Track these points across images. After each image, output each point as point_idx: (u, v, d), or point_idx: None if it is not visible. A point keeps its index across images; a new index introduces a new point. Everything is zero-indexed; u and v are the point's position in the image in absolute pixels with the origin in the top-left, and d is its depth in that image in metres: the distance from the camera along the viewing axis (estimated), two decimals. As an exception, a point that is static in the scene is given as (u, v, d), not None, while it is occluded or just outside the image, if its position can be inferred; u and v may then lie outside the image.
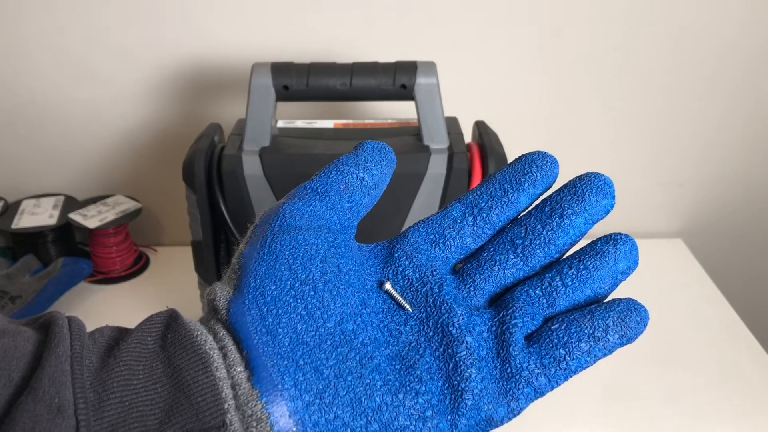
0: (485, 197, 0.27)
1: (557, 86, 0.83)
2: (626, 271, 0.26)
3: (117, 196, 0.85)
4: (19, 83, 0.80)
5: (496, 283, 0.27)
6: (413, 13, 0.77)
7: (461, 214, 0.27)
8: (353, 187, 0.28)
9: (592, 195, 0.26)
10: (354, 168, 0.28)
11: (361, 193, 0.28)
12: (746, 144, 0.89)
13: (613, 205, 0.26)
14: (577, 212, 0.26)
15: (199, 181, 0.55)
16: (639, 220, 0.94)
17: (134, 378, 0.23)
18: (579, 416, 0.63)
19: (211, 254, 0.58)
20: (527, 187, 0.27)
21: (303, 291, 0.25)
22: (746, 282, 0.99)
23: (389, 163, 0.29)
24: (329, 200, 0.28)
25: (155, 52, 0.78)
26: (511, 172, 0.27)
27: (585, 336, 0.25)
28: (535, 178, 0.27)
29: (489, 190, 0.27)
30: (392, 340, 0.26)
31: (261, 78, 0.54)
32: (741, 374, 0.68)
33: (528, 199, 0.27)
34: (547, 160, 0.27)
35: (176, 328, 0.25)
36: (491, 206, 0.27)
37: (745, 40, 0.81)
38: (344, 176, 0.28)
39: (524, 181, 0.27)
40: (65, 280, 0.75)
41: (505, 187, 0.27)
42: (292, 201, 0.27)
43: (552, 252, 0.26)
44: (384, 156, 0.29)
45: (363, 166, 0.28)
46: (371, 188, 0.28)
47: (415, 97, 0.55)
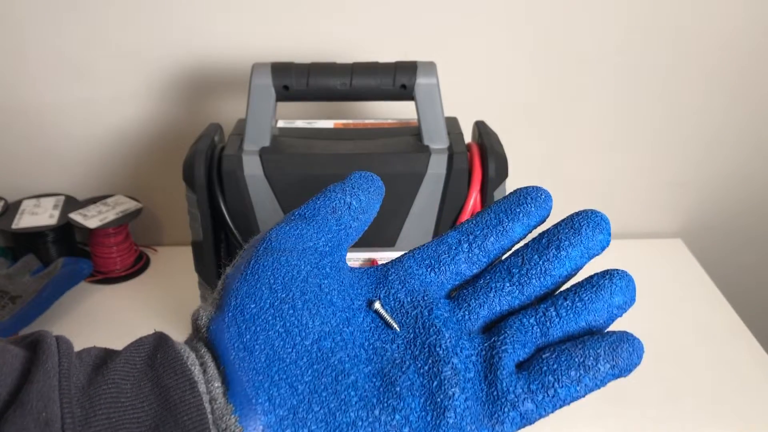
0: (481, 225, 0.28)
1: (557, 86, 0.83)
2: (622, 306, 0.27)
3: (117, 196, 0.85)
4: (19, 83, 0.80)
5: (491, 310, 0.27)
6: (413, 14, 0.77)
7: (457, 240, 0.28)
8: (341, 211, 0.28)
9: (588, 229, 0.27)
10: (341, 194, 0.29)
11: (349, 217, 0.29)
12: (746, 144, 0.89)
13: (608, 241, 0.27)
14: (573, 245, 0.27)
15: (199, 181, 0.55)
16: (638, 220, 0.94)
17: (122, 396, 0.23)
18: (579, 416, 0.64)
19: (212, 254, 0.58)
20: (522, 217, 0.28)
21: (282, 309, 0.26)
22: (746, 282, 0.99)
23: (377, 190, 0.30)
24: (316, 224, 0.28)
25: (155, 52, 0.78)
26: (506, 203, 0.28)
27: (575, 364, 0.25)
28: (529, 209, 0.28)
29: (484, 219, 0.28)
30: (375, 357, 0.26)
31: (261, 78, 0.54)
32: (741, 374, 0.68)
33: (522, 230, 0.28)
34: (541, 193, 0.28)
35: (165, 349, 0.25)
36: (486, 234, 0.28)
37: (745, 39, 0.81)
38: (331, 201, 0.29)
39: (519, 212, 0.28)
40: (65, 280, 0.75)
41: (500, 217, 0.28)
42: (279, 226, 0.28)
43: (547, 283, 0.27)
44: (371, 183, 0.30)
45: (350, 192, 0.29)
46: (359, 212, 0.29)
47: (415, 97, 0.55)
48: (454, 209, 0.56)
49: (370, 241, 0.58)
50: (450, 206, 0.56)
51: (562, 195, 0.91)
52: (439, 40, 0.79)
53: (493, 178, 0.55)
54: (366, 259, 0.59)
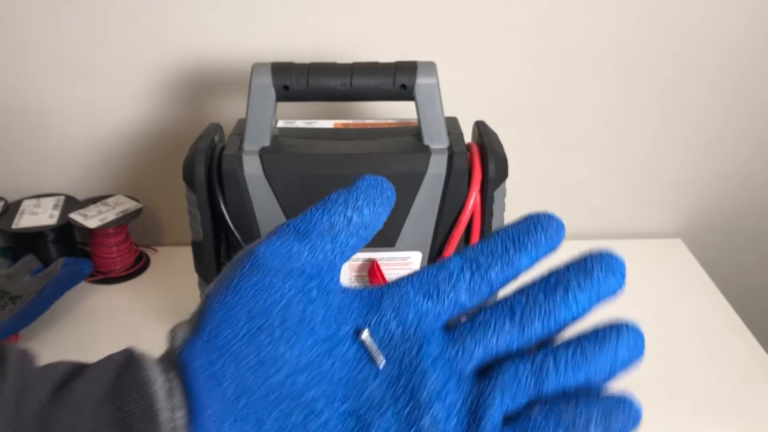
0: (486, 253, 0.26)
1: (557, 86, 0.83)
2: (627, 362, 0.25)
3: (117, 196, 0.85)
4: (19, 83, 0.80)
5: (487, 350, 0.25)
6: (413, 14, 0.77)
7: (459, 267, 0.26)
8: (339, 227, 0.26)
9: (601, 273, 0.25)
10: (342, 207, 0.26)
11: (347, 234, 0.26)
12: (747, 144, 0.89)
13: (622, 285, 0.25)
14: (582, 288, 0.25)
15: (199, 181, 0.55)
16: (638, 220, 0.94)
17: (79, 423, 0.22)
18: (579, 416, 0.63)
19: (212, 254, 0.58)
20: (530, 248, 0.26)
21: (258, 339, 0.24)
22: (746, 282, 0.99)
23: (385, 201, 0.27)
24: (309, 241, 0.26)
25: (156, 52, 0.78)
26: (515, 230, 0.26)
27: (563, 427, 0.23)
28: (539, 240, 0.26)
29: (490, 247, 0.26)
30: (354, 394, 0.24)
31: (261, 78, 0.54)
32: (740, 374, 0.69)
33: (529, 261, 0.26)
34: (554, 222, 0.27)
35: (134, 370, 0.24)
36: (491, 263, 0.26)
37: (746, 39, 0.81)
38: (330, 216, 0.26)
39: (527, 242, 0.26)
40: (65, 280, 0.75)
41: (506, 245, 0.26)
42: (268, 240, 0.26)
43: (551, 326, 0.25)
44: (380, 193, 0.27)
45: (353, 204, 0.26)
46: (360, 228, 0.26)
47: (415, 97, 0.55)
48: (454, 209, 0.56)
49: (370, 241, 0.58)
50: (450, 206, 0.56)
51: (562, 195, 0.91)
52: (439, 40, 0.79)
53: (493, 178, 0.55)
54: (366, 259, 0.59)
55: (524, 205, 0.92)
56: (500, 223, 0.58)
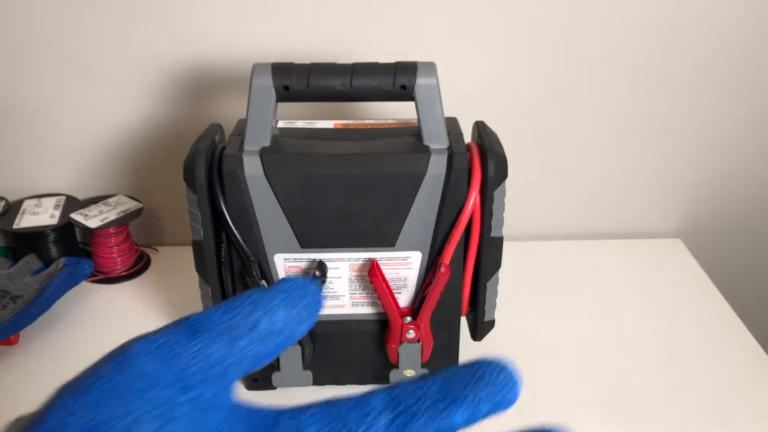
0: (416, 395, 0.21)
1: (557, 86, 0.83)
2: None
3: (118, 196, 0.85)
4: (20, 83, 0.80)
5: None
6: (413, 14, 0.78)
7: (378, 409, 0.21)
8: (240, 330, 0.21)
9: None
10: (251, 307, 0.22)
11: (249, 340, 0.21)
12: (745, 143, 0.89)
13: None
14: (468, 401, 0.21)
15: (199, 181, 0.55)
16: (637, 219, 0.94)
17: None
18: (579, 416, 0.64)
19: (212, 254, 0.58)
20: (470, 402, 0.21)
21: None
22: (745, 282, 0.99)
23: (309, 306, 0.23)
24: (198, 343, 0.21)
25: (157, 52, 0.79)
26: (459, 376, 0.21)
27: None
28: (479, 397, 0.21)
29: (424, 389, 0.21)
30: None
31: (261, 78, 0.54)
32: (740, 374, 0.69)
33: (465, 419, 0.21)
34: (504, 377, 0.21)
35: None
36: (416, 412, 0.21)
37: (746, 40, 0.81)
38: (233, 315, 0.22)
39: (468, 393, 0.21)
40: (66, 280, 0.76)
41: (442, 392, 0.21)
42: (153, 337, 0.21)
43: None
44: (302, 298, 0.22)
45: (266, 306, 0.22)
46: (269, 335, 0.22)
47: (415, 97, 0.55)
48: (453, 209, 0.56)
49: (370, 241, 0.58)
50: (450, 206, 0.56)
51: (561, 195, 0.91)
52: (439, 40, 0.79)
53: (492, 178, 0.56)
54: (366, 258, 0.59)
55: (524, 205, 0.92)
56: (500, 223, 0.58)
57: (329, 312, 0.62)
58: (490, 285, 0.61)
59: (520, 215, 0.89)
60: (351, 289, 0.61)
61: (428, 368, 0.63)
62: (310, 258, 0.59)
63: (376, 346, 0.63)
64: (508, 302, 0.68)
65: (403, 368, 0.63)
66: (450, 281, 0.59)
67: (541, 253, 0.88)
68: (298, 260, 0.59)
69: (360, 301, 0.62)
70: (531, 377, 0.68)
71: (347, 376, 0.65)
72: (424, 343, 0.61)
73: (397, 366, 0.63)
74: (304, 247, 0.58)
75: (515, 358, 0.73)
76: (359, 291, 0.61)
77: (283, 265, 0.59)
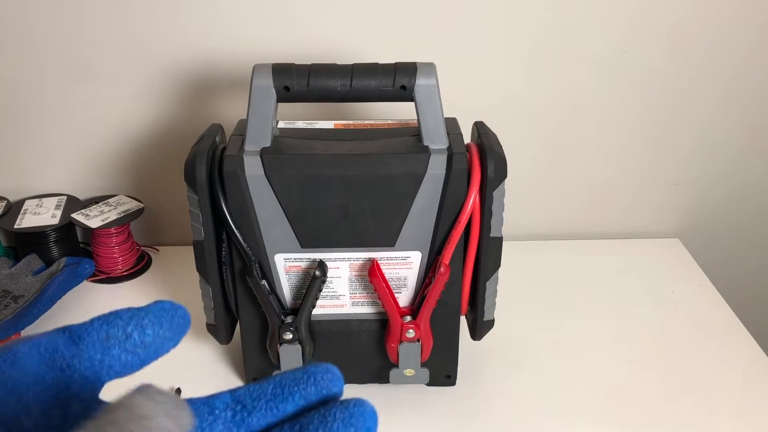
0: (254, 395, 0.25)
1: (556, 87, 0.83)
2: None
3: (119, 196, 0.85)
4: (21, 84, 0.80)
5: None
6: (413, 15, 0.78)
7: (224, 405, 0.25)
8: (114, 340, 0.24)
9: (341, 424, 0.24)
10: (124, 322, 0.24)
11: (121, 349, 0.24)
12: (743, 144, 0.89)
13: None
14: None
15: (200, 182, 0.55)
16: (636, 220, 0.94)
17: None
18: (579, 416, 0.64)
19: (213, 254, 0.59)
20: (297, 398, 0.25)
21: None
22: (743, 281, 0.99)
23: (174, 327, 0.25)
24: (77, 346, 0.23)
25: (157, 53, 0.79)
26: (289, 379, 0.25)
27: None
28: (308, 392, 0.25)
29: (261, 390, 0.25)
30: None
31: (262, 79, 0.55)
32: (739, 374, 0.69)
33: (294, 410, 0.25)
34: (329, 376, 0.25)
35: None
36: (254, 407, 0.25)
37: (745, 40, 0.82)
38: (109, 327, 0.24)
39: (296, 392, 0.25)
40: (67, 280, 0.76)
41: (276, 392, 0.25)
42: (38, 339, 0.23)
43: None
44: (170, 318, 0.25)
45: (137, 322, 0.24)
46: (139, 347, 0.24)
47: (414, 98, 0.56)
48: (453, 209, 0.57)
49: (370, 240, 0.58)
50: (449, 206, 0.56)
51: (560, 195, 0.92)
52: (439, 40, 0.79)
53: (492, 178, 0.56)
54: (366, 258, 0.59)
55: (524, 205, 0.92)
56: (499, 223, 0.58)
57: (329, 312, 0.62)
58: (490, 285, 0.61)
59: (520, 215, 0.89)
60: (351, 289, 0.61)
61: (428, 367, 0.64)
62: (310, 258, 0.59)
63: (376, 345, 0.63)
64: (507, 302, 0.68)
65: (402, 367, 0.63)
66: (449, 281, 0.59)
67: (541, 253, 0.88)
68: (298, 260, 0.59)
69: (360, 301, 0.62)
70: (530, 376, 0.68)
71: (347, 376, 0.65)
72: (423, 342, 0.61)
73: (397, 365, 0.63)
74: (304, 246, 0.58)
75: (514, 357, 0.73)
76: (359, 291, 0.61)
77: (283, 265, 0.59)
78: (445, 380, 0.67)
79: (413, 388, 0.67)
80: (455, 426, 0.63)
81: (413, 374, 0.64)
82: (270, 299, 0.59)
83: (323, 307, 0.62)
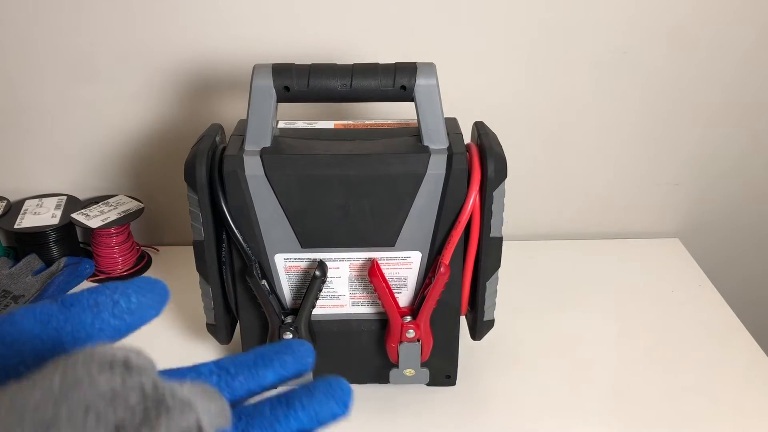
0: (237, 363, 0.28)
1: (556, 87, 0.83)
2: None
3: (119, 196, 0.85)
4: (21, 84, 0.80)
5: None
6: (413, 15, 0.78)
7: (209, 371, 0.27)
8: (103, 306, 0.26)
9: (323, 396, 0.27)
10: (111, 290, 0.26)
11: (110, 314, 0.26)
12: (744, 144, 0.89)
13: (344, 412, 0.27)
14: (304, 407, 0.27)
15: (200, 182, 0.55)
16: (636, 220, 0.94)
17: None
18: (579, 416, 0.64)
19: (213, 254, 0.59)
20: (277, 366, 0.28)
21: None
22: (744, 281, 0.99)
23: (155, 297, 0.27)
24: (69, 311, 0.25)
25: (157, 53, 0.79)
26: (269, 349, 0.28)
27: None
28: (285, 361, 0.28)
29: (243, 359, 0.28)
30: None
31: (262, 79, 0.55)
32: (739, 374, 0.69)
33: (275, 378, 0.28)
34: (304, 349, 0.28)
35: None
36: (237, 372, 0.27)
37: (740, 40, 0.82)
38: (97, 295, 0.26)
39: (275, 360, 0.28)
40: (67, 280, 0.76)
41: (257, 361, 0.28)
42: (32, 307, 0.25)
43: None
44: (152, 289, 0.27)
45: (122, 291, 0.26)
46: (125, 313, 0.26)
47: (414, 98, 0.56)
48: (453, 209, 0.57)
49: (370, 240, 0.58)
50: (449, 206, 0.56)
51: (560, 195, 0.92)
52: (439, 40, 0.79)
53: (492, 178, 0.56)
54: (366, 258, 0.59)
55: (524, 204, 0.92)
56: (499, 222, 0.58)
57: (329, 312, 0.62)
58: (490, 285, 0.61)
59: (520, 215, 0.89)
60: (351, 289, 0.61)
61: (428, 367, 0.64)
62: (310, 258, 0.59)
63: (376, 345, 0.64)
64: (507, 302, 0.68)
65: (402, 367, 0.63)
66: (449, 281, 0.59)
67: (541, 253, 0.88)
68: (298, 260, 0.59)
69: (360, 301, 0.62)
70: (530, 376, 0.68)
71: (347, 376, 0.65)
72: (423, 342, 0.61)
73: (397, 365, 0.63)
74: (304, 246, 0.58)
75: (514, 357, 0.73)
76: (359, 291, 0.61)
77: (283, 265, 0.59)
78: (445, 380, 0.67)
79: (413, 388, 0.67)
80: (455, 426, 0.63)
81: (413, 374, 0.64)
82: (270, 299, 0.59)
83: (323, 307, 0.62)
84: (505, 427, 0.63)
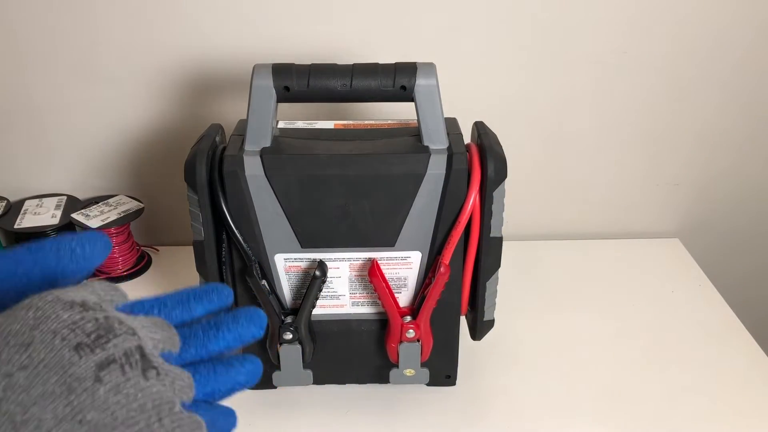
0: (174, 299, 0.33)
1: (556, 87, 0.83)
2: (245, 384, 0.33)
3: (119, 197, 0.85)
4: (21, 84, 0.80)
5: None
6: (413, 14, 0.78)
7: (150, 305, 0.33)
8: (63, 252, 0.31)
9: (244, 321, 0.33)
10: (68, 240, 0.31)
11: (69, 260, 0.31)
12: (743, 143, 0.89)
13: (260, 334, 0.34)
14: (230, 329, 0.33)
15: (200, 182, 0.55)
16: (636, 220, 0.94)
17: None
18: (579, 416, 0.64)
19: (213, 254, 0.59)
20: (204, 302, 0.34)
21: None
22: (744, 281, 0.99)
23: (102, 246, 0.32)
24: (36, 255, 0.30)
25: (157, 53, 0.79)
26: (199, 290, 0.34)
27: None
28: (211, 298, 0.34)
29: (178, 296, 0.34)
30: None
31: (262, 79, 0.55)
32: (739, 374, 0.69)
33: (202, 310, 0.34)
34: (225, 291, 0.35)
35: None
36: (174, 305, 0.33)
37: (739, 40, 0.82)
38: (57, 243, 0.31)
39: (203, 297, 0.34)
40: (67, 280, 0.76)
41: (189, 296, 0.34)
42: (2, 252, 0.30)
43: (203, 353, 0.33)
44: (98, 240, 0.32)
45: (78, 240, 0.31)
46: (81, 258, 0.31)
47: (414, 98, 0.56)
48: (453, 209, 0.57)
49: (370, 241, 0.58)
50: (450, 206, 0.56)
51: (560, 195, 0.92)
52: (439, 40, 0.79)
53: (492, 178, 0.56)
54: (366, 258, 0.59)
55: (524, 204, 0.92)
56: (499, 223, 0.58)
57: (329, 311, 0.62)
58: (490, 285, 0.61)
59: (520, 215, 0.89)
60: (351, 289, 0.61)
61: (428, 367, 0.64)
62: (310, 258, 0.59)
63: (376, 345, 0.64)
64: (507, 302, 0.68)
65: (402, 367, 0.63)
66: (450, 281, 0.59)
67: (541, 253, 0.88)
68: (298, 260, 0.59)
69: (360, 301, 0.62)
70: (530, 376, 0.68)
71: (347, 376, 0.66)
72: (423, 342, 0.61)
73: (397, 365, 0.63)
74: (304, 247, 0.58)
75: (514, 357, 0.73)
76: (359, 291, 0.61)
77: (283, 265, 0.59)
78: (445, 380, 0.67)
79: (413, 388, 0.67)
80: (455, 426, 0.63)
81: (413, 374, 0.64)
82: (270, 299, 0.59)
83: (323, 307, 0.62)
84: (505, 427, 0.63)
